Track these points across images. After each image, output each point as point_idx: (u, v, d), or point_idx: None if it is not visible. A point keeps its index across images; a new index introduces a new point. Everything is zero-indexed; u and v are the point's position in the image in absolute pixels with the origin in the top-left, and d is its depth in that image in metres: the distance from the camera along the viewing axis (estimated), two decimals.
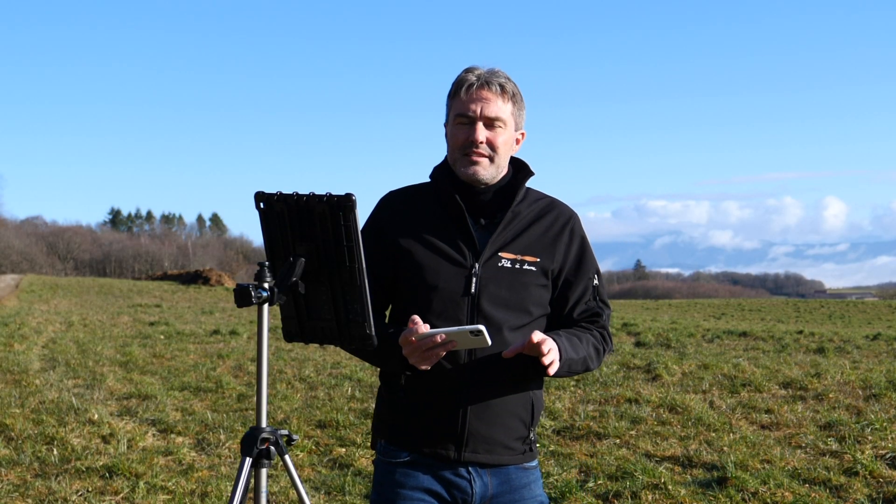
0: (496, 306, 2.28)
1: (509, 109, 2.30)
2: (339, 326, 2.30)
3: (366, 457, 6.07)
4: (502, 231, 2.32)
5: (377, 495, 2.35)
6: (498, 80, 2.29)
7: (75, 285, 39.37)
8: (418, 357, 2.13)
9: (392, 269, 2.35)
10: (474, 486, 2.30)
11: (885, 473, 5.45)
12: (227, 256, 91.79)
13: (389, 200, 2.43)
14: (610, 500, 5.08)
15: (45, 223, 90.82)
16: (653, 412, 7.37)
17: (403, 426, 2.33)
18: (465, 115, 2.28)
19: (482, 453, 2.29)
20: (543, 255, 2.33)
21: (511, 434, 2.31)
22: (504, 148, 2.31)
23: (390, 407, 2.36)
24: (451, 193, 2.31)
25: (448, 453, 2.28)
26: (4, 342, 13.02)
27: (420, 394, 2.29)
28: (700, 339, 14.32)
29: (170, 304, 26.37)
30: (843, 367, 10.05)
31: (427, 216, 2.35)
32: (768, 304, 58.69)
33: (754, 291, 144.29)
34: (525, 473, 2.35)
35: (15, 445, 6.33)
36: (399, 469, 2.32)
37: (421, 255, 2.31)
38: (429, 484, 2.30)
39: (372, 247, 2.37)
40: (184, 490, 5.25)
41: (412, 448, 2.31)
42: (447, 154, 2.38)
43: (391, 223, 2.37)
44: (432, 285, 2.29)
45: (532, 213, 2.37)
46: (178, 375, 9.98)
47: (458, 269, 2.29)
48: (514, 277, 2.30)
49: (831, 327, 23.45)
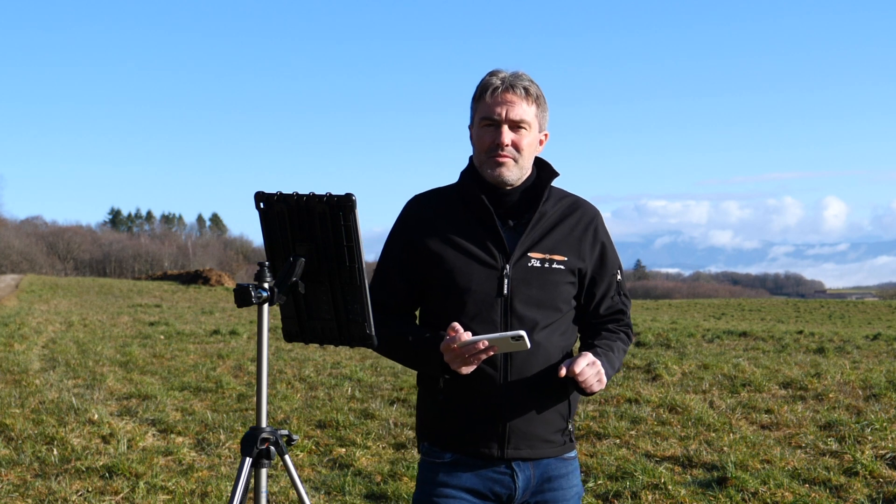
0: (528, 306, 2.32)
1: (533, 112, 2.34)
2: (339, 326, 2.30)
3: (366, 457, 6.07)
4: (530, 231, 2.36)
5: (420, 494, 2.40)
6: (522, 83, 2.33)
7: (75, 285, 39.37)
8: (460, 362, 2.18)
9: (421, 273, 2.38)
10: (517, 481, 2.35)
11: (885, 473, 5.45)
12: (227, 256, 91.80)
13: (416, 204, 2.46)
14: (610, 500, 5.08)
15: (45, 223, 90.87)
16: (653, 412, 7.37)
17: (445, 428, 2.37)
18: (490, 118, 2.32)
19: (524, 449, 2.33)
20: (570, 253, 2.38)
21: (550, 428, 2.37)
22: (528, 150, 2.35)
23: (431, 409, 2.40)
24: (479, 195, 2.35)
25: (491, 451, 2.33)
26: (4, 342, 13.02)
27: (460, 395, 2.33)
28: (700, 339, 14.32)
29: (170, 304, 26.37)
30: (843, 367, 10.05)
31: (455, 219, 2.39)
32: (768, 304, 58.69)
33: (754, 291, 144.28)
34: (564, 463, 2.41)
35: (15, 445, 6.33)
36: (442, 469, 2.36)
37: (452, 257, 2.35)
38: (472, 483, 2.34)
39: (400, 250, 2.41)
40: (184, 490, 5.25)
41: (455, 448, 2.36)
42: (473, 156, 2.42)
43: (419, 226, 2.40)
44: (465, 288, 2.32)
45: (557, 213, 2.41)
46: (178, 375, 9.98)
47: (490, 271, 2.33)
48: (543, 277, 2.34)
49: (831, 327, 23.45)
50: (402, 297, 2.41)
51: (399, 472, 5.57)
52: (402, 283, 2.40)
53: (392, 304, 2.41)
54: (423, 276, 2.38)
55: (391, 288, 2.41)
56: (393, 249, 2.43)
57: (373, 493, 5.24)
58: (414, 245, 2.39)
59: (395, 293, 2.41)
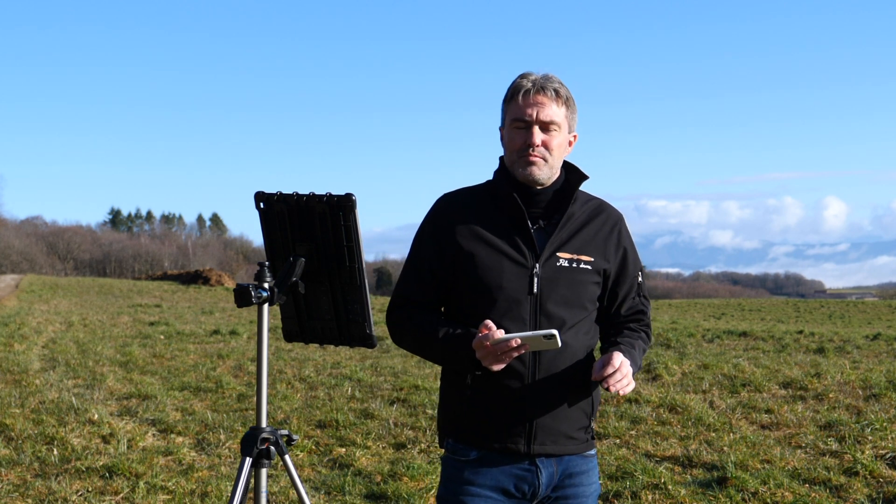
0: (557, 304, 2.37)
1: (563, 113, 2.40)
2: (339, 326, 2.30)
3: (366, 457, 6.07)
4: (559, 232, 2.41)
5: (445, 490, 2.42)
6: (552, 85, 2.38)
7: (75, 285, 39.37)
8: (492, 360, 2.21)
9: (451, 269, 2.41)
10: (541, 477, 2.38)
11: (885, 473, 5.45)
12: (227, 256, 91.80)
13: (447, 202, 2.49)
14: (610, 500, 5.08)
15: (45, 223, 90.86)
16: (653, 412, 7.37)
17: (471, 424, 2.39)
18: (521, 119, 2.37)
19: (549, 445, 2.38)
20: (597, 254, 2.44)
21: (575, 425, 2.41)
22: (558, 150, 2.40)
23: (457, 406, 2.42)
24: (511, 194, 2.39)
25: (518, 447, 2.36)
26: (4, 342, 13.02)
27: (487, 391, 2.36)
28: (700, 339, 14.32)
29: (170, 304, 26.37)
30: (843, 367, 10.05)
31: (486, 217, 2.43)
32: (768, 304, 58.70)
33: (754, 291, 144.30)
34: (585, 461, 2.45)
35: (15, 445, 6.33)
36: (468, 467, 2.39)
37: (483, 255, 2.38)
38: (496, 481, 2.37)
39: (431, 248, 2.43)
40: (184, 490, 5.25)
41: (481, 445, 2.38)
42: (504, 156, 2.46)
43: (450, 224, 2.43)
44: (496, 285, 2.36)
45: (584, 215, 2.47)
46: (178, 375, 9.98)
47: (521, 269, 2.37)
48: (571, 276, 2.39)
49: (831, 327, 23.45)
50: (430, 293, 2.43)
51: (399, 472, 5.57)
52: (431, 279, 2.42)
53: (420, 301, 2.43)
54: (452, 273, 2.41)
55: (420, 284, 2.43)
56: (423, 246, 2.46)
57: (373, 493, 5.24)
58: (444, 242, 2.42)
59: (425, 290, 2.43)
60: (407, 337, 2.42)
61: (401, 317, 2.43)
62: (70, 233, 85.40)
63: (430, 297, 2.43)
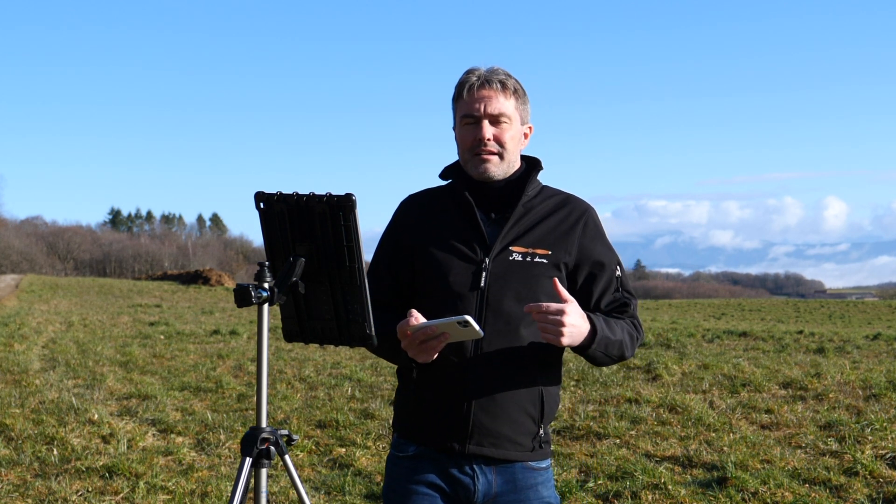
0: (507, 299, 2.28)
1: (512, 105, 2.33)
2: (339, 326, 2.30)
3: (366, 457, 6.07)
4: (513, 225, 2.33)
5: (387, 487, 2.41)
6: (497, 77, 2.32)
7: (75, 285, 39.37)
8: (415, 350, 2.16)
9: (407, 270, 2.39)
10: (477, 483, 2.29)
11: (885, 473, 5.45)
12: (227, 256, 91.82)
13: (408, 203, 2.48)
14: (610, 500, 5.08)
15: (45, 223, 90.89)
16: (653, 412, 7.37)
17: (412, 419, 2.36)
18: (470, 115, 2.32)
19: (487, 447, 2.28)
20: (556, 247, 2.33)
21: (518, 429, 2.29)
22: (512, 143, 2.34)
23: (403, 401, 2.40)
24: (461, 190, 2.36)
25: (453, 446, 2.29)
26: (4, 342, 13.02)
27: (429, 387, 2.31)
28: (700, 339, 14.32)
29: (170, 304, 26.37)
30: (843, 367, 10.05)
31: (442, 216, 2.40)
32: (768, 304, 58.70)
33: (754, 291, 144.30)
34: (533, 474, 2.32)
35: (15, 445, 6.33)
36: (406, 462, 2.35)
37: (434, 252, 2.35)
38: (433, 478, 2.32)
39: (390, 250, 2.42)
40: (184, 490, 5.25)
41: (420, 441, 2.34)
42: (458, 156, 2.42)
43: (409, 225, 2.42)
44: (443, 281, 2.32)
45: (546, 208, 2.38)
46: (178, 375, 9.98)
47: (467, 264, 2.31)
48: (525, 270, 2.30)
49: (831, 327, 23.45)
50: (386, 292, 2.41)
51: None
52: (389, 279, 2.41)
53: (381, 301, 2.40)
54: (409, 273, 2.39)
55: (379, 284, 2.41)
56: (381, 246, 2.46)
57: (373, 493, 5.24)
58: (400, 242, 2.41)
59: (383, 290, 2.41)
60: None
61: None
62: (70, 233, 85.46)
63: (387, 297, 2.40)
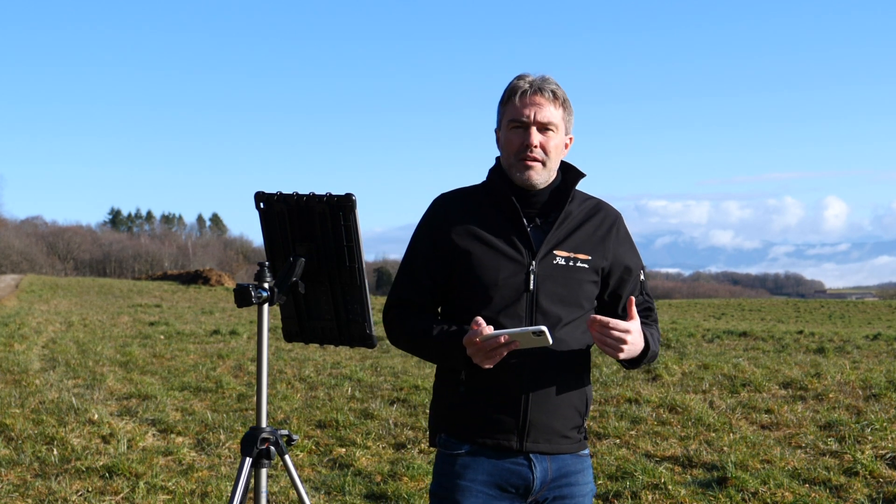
0: (552, 302, 2.37)
1: (560, 115, 2.40)
2: (339, 326, 2.30)
3: (366, 457, 6.07)
4: (556, 230, 2.41)
5: (437, 486, 2.43)
6: (550, 86, 2.39)
7: (75, 285, 39.37)
8: (482, 357, 2.21)
9: (447, 269, 2.42)
10: (535, 473, 2.37)
11: (885, 473, 5.45)
12: (227, 256, 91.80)
13: (443, 202, 2.50)
14: (610, 500, 5.08)
15: (45, 223, 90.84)
16: (653, 412, 7.37)
17: (464, 419, 2.40)
18: (519, 120, 2.37)
19: (542, 443, 2.37)
20: (594, 252, 2.44)
21: (568, 423, 2.41)
22: (555, 152, 2.40)
23: (450, 401, 2.43)
24: (507, 195, 2.40)
25: (510, 444, 2.36)
26: (4, 342, 13.02)
27: (481, 388, 2.36)
28: (700, 339, 14.33)
29: (170, 304, 26.37)
30: (843, 367, 10.05)
31: (483, 216, 2.43)
32: (768, 304, 58.70)
33: (754, 291, 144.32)
34: (580, 460, 2.45)
35: (15, 445, 6.33)
36: (459, 460, 2.39)
37: (480, 253, 2.39)
38: (489, 475, 2.37)
39: (427, 247, 2.44)
40: (184, 490, 5.25)
41: (473, 440, 2.38)
42: (501, 158, 2.46)
43: (446, 224, 2.44)
44: (492, 282, 2.36)
45: (582, 214, 2.47)
46: (178, 375, 9.98)
47: (517, 266, 2.37)
48: (568, 274, 2.40)
49: (831, 327, 23.45)
50: (427, 294, 2.44)
51: (399, 472, 5.57)
52: (428, 280, 2.43)
53: (417, 301, 2.44)
54: (449, 273, 2.42)
55: (417, 285, 2.44)
56: (418, 245, 2.47)
57: (373, 493, 5.24)
58: (441, 242, 2.42)
59: (421, 290, 2.44)
60: (402, 336, 2.42)
61: (396, 316, 2.43)
62: (70, 233, 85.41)
63: (425, 297, 2.44)
